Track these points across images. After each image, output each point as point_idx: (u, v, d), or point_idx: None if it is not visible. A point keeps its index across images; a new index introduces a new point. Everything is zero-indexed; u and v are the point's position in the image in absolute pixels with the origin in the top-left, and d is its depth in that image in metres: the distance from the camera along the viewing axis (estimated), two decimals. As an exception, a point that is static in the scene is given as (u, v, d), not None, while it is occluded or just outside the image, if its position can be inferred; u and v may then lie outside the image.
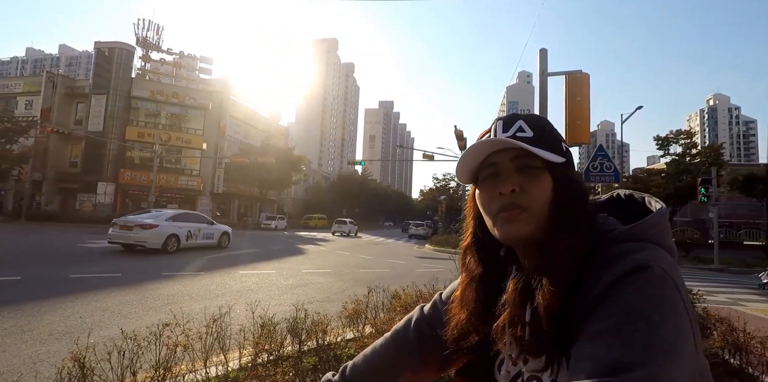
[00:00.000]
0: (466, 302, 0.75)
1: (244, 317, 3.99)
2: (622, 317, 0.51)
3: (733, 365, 3.72)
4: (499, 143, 0.67)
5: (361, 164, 70.99)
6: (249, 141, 46.89)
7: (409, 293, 4.85)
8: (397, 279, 9.22)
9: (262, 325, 3.11)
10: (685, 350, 0.51)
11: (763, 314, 7.18)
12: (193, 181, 38.93)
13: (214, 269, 9.77)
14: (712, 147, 29.62)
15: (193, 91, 41.35)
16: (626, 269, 0.55)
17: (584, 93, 5.98)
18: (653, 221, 0.63)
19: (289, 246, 19.38)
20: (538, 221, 0.64)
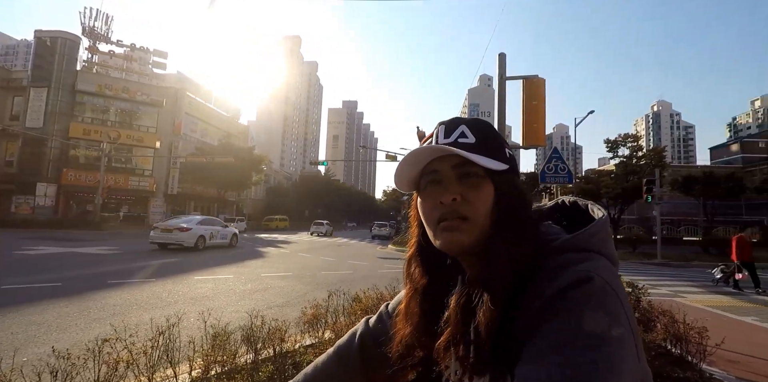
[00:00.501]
0: (410, 315, 0.72)
1: (196, 327, 3.81)
2: (565, 335, 0.50)
3: (675, 355, 3.93)
4: (438, 151, 0.65)
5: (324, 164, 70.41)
6: (207, 140, 45.35)
7: (370, 296, 4.80)
8: (359, 281, 9.15)
9: (214, 335, 2.96)
10: (628, 364, 0.49)
11: (700, 305, 7.66)
12: (146, 182, 37.14)
13: (166, 276, 9.33)
14: (656, 150, 31.48)
15: (145, 87, 39.44)
16: (568, 281, 0.53)
17: (540, 97, 6.15)
18: (594, 229, 0.62)
19: (248, 249, 18.85)
20: (479, 231, 0.63)
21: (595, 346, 0.48)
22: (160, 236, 15.55)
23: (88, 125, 34.73)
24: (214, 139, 46.02)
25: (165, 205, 39.06)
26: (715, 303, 8.10)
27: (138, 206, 37.62)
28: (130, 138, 36.54)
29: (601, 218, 0.65)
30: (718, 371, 3.91)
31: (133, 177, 36.84)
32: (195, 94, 44.90)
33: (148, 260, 12.10)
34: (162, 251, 15.15)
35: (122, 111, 37.24)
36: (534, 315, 0.53)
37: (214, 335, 2.95)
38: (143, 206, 37.82)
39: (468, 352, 0.61)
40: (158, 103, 38.34)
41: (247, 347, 3.16)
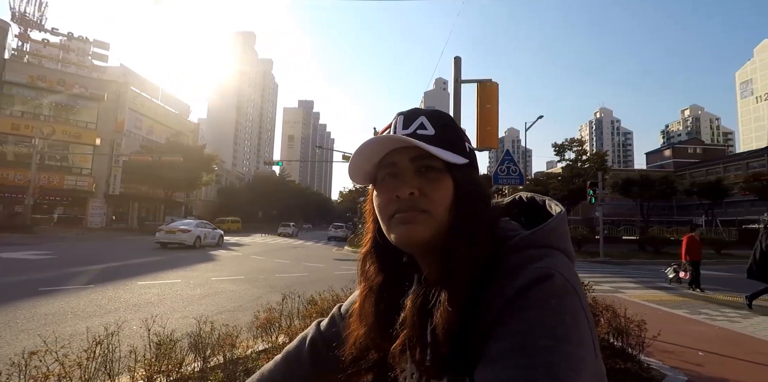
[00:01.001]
0: (364, 315, 0.68)
1: (139, 335, 3.58)
2: (525, 336, 0.48)
3: (616, 347, 4.17)
4: (396, 141, 0.61)
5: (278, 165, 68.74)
6: (153, 138, 43.20)
7: (325, 298, 4.73)
8: (314, 283, 9.00)
9: (158, 343, 2.78)
10: (587, 362, 0.49)
11: (638, 299, 8.16)
12: (84, 182, 34.81)
13: (106, 281, 8.74)
14: (599, 154, 33.45)
15: (84, 79, 36.99)
16: (528, 280, 0.52)
17: (494, 101, 6.31)
18: (553, 225, 0.60)
19: (197, 252, 18.10)
20: (437, 225, 0.60)
21: (557, 346, 0.47)
22: (165, 236, 18.31)
23: (18, 119, 32.12)
24: (161, 137, 43.88)
25: (106, 206, 36.76)
26: (651, 298, 8.66)
27: (75, 207, 35.15)
28: (66, 134, 34.13)
29: (559, 213, 0.63)
30: (655, 361, 4.17)
31: (69, 176, 34.42)
32: (140, 89, 42.62)
33: (87, 265, 11.30)
34: (102, 256, 14.28)
35: (57, 105, 34.70)
36: (495, 316, 0.52)
37: (158, 343, 2.78)
38: (81, 208, 35.39)
39: (425, 355, 0.58)
40: (99, 98, 36.05)
41: (194, 354, 3.00)
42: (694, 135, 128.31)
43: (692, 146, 79.90)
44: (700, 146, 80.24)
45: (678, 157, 75.99)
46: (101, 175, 35.85)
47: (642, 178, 36.29)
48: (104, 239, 25.56)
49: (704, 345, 4.95)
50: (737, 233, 31.95)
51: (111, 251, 16.61)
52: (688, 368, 4.09)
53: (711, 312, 7.11)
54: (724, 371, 4.04)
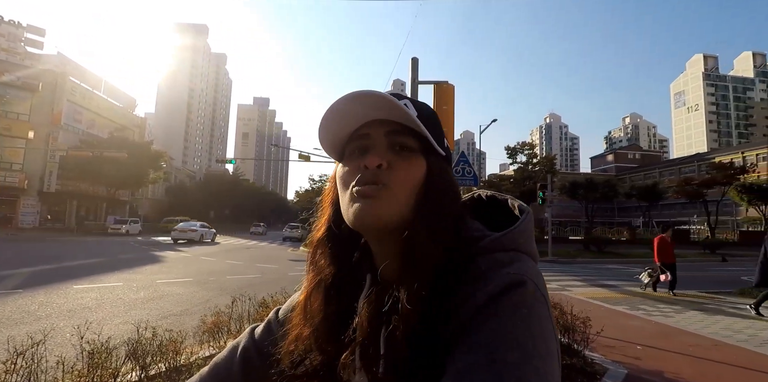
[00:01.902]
0: (311, 313, 0.60)
1: (72, 344, 3.31)
2: (496, 348, 0.44)
3: (563, 343, 4.33)
4: (380, 100, 0.54)
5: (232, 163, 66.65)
6: (95, 132, 40.59)
7: (278, 300, 4.59)
8: (267, 285, 8.76)
9: (91, 352, 2.57)
10: (557, 374, 0.46)
11: (583, 297, 8.56)
12: (14, 178, 32.13)
13: (37, 285, 8.08)
14: (548, 158, 34.98)
15: (15, 67, 34.13)
16: (500, 286, 0.48)
17: (450, 103, 6.39)
18: (522, 227, 0.56)
19: (142, 253, 17.18)
20: (398, 206, 0.54)
21: (527, 361, 0.44)
22: (179, 235, 26.41)
23: (-63, 109, 29.16)
24: (103, 132, 41.33)
25: (39, 204, 34.13)
26: (594, 295, 9.11)
27: (3, 205, 32.39)
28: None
29: (527, 214, 0.59)
30: (598, 356, 4.37)
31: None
32: (80, 79, 39.90)
33: (15, 268, 10.41)
34: (34, 258, 13.28)
35: (-16, 94, 31.83)
36: (463, 323, 0.47)
37: (90, 352, 2.57)
38: (10, 206, 32.67)
39: (379, 365, 0.52)
40: (32, 88, 33.41)
41: (133, 363, 2.81)
42: (633, 141, 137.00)
43: (632, 152, 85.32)
44: (638, 152, 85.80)
45: (619, 162, 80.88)
46: (35, 171, 33.20)
47: (587, 182, 38.31)
48: (37, 239, 23.69)
49: (642, 339, 5.26)
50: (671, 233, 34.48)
51: (44, 253, 15.42)
52: (628, 361, 4.32)
53: (648, 308, 7.57)
54: (660, 364, 4.31)
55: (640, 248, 24.51)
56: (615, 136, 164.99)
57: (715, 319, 6.68)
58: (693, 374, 4.03)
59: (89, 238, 27.54)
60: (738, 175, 34.04)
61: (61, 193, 35.36)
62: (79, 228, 34.27)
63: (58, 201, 36.44)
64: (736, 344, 5.15)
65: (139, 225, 36.26)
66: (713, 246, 25.13)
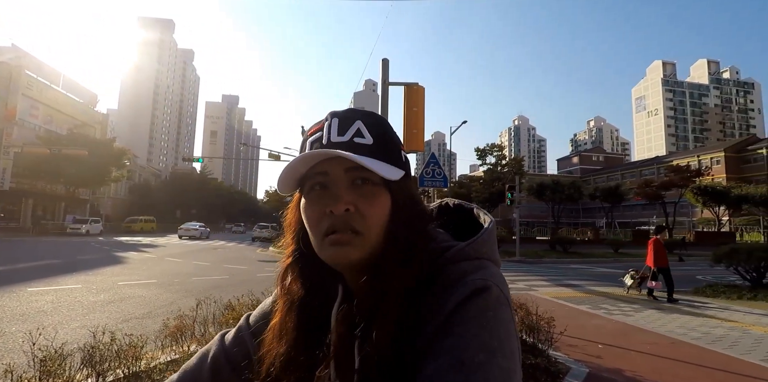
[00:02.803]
0: (285, 331, 0.62)
1: (24, 350, 3.15)
2: (463, 351, 0.48)
3: (529, 343, 4.43)
4: (333, 156, 0.57)
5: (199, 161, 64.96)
6: (52, 128, 38.77)
7: (244, 303, 4.51)
8: (235, 286, 8.59)
9: (43, 358, 2.45)
10: (517, 374, 0.50)
11: (548, 297, 8.81)
12: (-37, 175, 30.28)
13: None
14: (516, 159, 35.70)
15: (-35, 59, 32.17)
16: (466, 293, 0.52)
17: (420, 104, 6.45)
18: (485, 236, 0.60)
19: (104, 254, 16.51)
20: (370, 247, 0.57)
21: (492, 360, 0.48)
22: (184, 232, 33.48)
23: None
24: (62, 128, 39.51)
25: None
26: (559, 294, 9.38)
27: (-49, 204, 30.48)
28: (-60, 120, 29.48)
29: (490, 224, 0.63)
30: (561, 355, 4.50)
31: (-56, 168, 29.74)
32: (37, 73, 37.99)
33: (-38, 271, 9.81)
34: None
35: (-70, 86, 29.83)
36: (432, 332, 0.51)
37: (42, 358, 2.45)
38: (-42, 205, 30.77)
39: (353, 378, 0.54)
40: (-16, 80, 31.58)
41: (89, 369, 2.69)
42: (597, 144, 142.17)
43: (595, 154, 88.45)
44: (602, 154, 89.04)
45: (584, 164, 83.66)
46: (-14, 168, 31.40)
47: (553, 183, 39.38)
48: (-12, 240, 22.40)
49: (603, 338, 5.45)
50: (631, 234, 35.85)
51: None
52: (589, 360, 4.46)
53: (609, 307, 7.84)
54: (620, 362, 4.46)
55: (603, 248, 25.43)
56: (580, 138, 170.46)
57: (672, 317, 6.98)
58: (651, 371, 4.18)
59: (46, 238, 26.26)
60: (694, 178, 35.85)
61: (16, 191, 33.56)
62: (35, 228, 32.61)
63: (12, 200, 34.55)
64: (691, 341, 5.37)
65: (101, 225, 34.88)
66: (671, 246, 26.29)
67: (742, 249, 9.92)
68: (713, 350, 5.02)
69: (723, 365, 4.45)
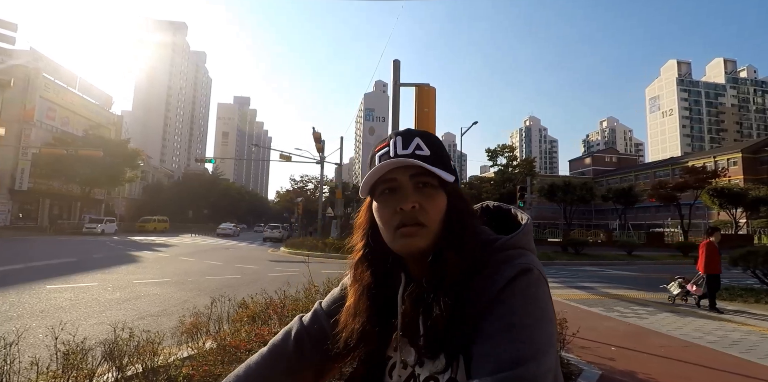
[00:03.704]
0: (359, 311, 0.78)
1: (45, 344, 3.24)
2: (513, 317, 0.62)
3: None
4: (403, 162, 0.72)
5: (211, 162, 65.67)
6: (69, 129, 39.52)
7: (258, 301, 4.56)
8: (247, 286, 8.69)
9: (66, 352, 2.52)
10: (555, 337, 0.65)
11: (560, 298, 8.70)
12: (-17, 175, 31.00)
13: (6, 285, 7.84)
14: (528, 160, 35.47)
15: (-15, 62, 32.89)
16: (514, 272, 0.66)
17: (431, 105, 6.46)
18: (525, 231, 0.75)
19: (118, 253, 16.79)
20: (433, 236, 0.72)
21: (537, 324, 0.63)
22: (221, 231, 40.82)
23: None
24: (78, 129, 40.27)
25: (11, 203, 33.00)
26: (571, 297, 9.30)
27: (-29, 203, 31.21)
28: (-38, 121, 30.16)
29: (527, 221, 0.77)
30: (573, 357, 4.46)
31: (-35, 169, 30.47)
32: (54, 75, 38.76)
33: (-17, 269, 10.05)
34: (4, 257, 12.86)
35: (-48, 88, 30.56)
36: (486, 302, 0.65)
37: (66, 352, 2.52)
38: (-21, 204, 31.50)
39: (423, 340, 0.70)
40: (3, 84, 32.16)
41: (109, 364, 2.76)
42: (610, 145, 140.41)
43: (608, 155, 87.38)
44: (615, 155, 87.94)
45: (596, 165, 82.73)
46: (5, 168, 32.10)
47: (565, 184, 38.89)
48: (8, 238, 22.91)
49: (616, 340, 5.40)
50: (645, 236, 35.33)
51: (15, 252, 14.94)
52: (601, 362, 4.42)
53: (623, 309, 7.76)
54: (633, 365, 4.42)
55: (616, 250, 25.11)
56: (592, 139, 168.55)
57: (687, 321, 6.88)
58: (664, 374, 4.14)
59: (63, 237, 26.76)
60: (710, 179, 35.13)
61: (34, 191, 34.27)
62: (52, 227, 33.24)
63: (30, 199, 35.29)
64: (707, 345, 5.29)
65: (115, 224, 35.41)
66: (686, 249, 25.86)
67: (759, 251, 9.72)
68: (729, 353, 4.94)
69: (739, 368, 4.38)
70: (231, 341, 3.22)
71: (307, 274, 5.04)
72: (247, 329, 3.60)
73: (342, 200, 26.85)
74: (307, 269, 5.24)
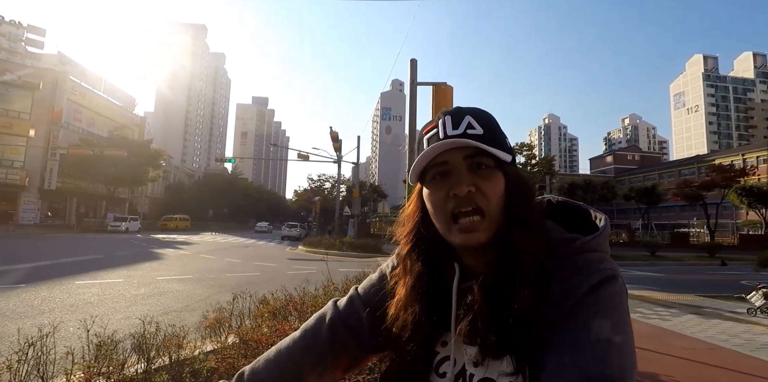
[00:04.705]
0: (412, 305, 0.72)
1: (77, 336, 3.38)
2: (600, 329, 0.57)
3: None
4: (456, 143, 0.65)
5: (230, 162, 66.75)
6: (94, 130, 40.66)
7: (278, 297, 4.65)
8: (266, 283, 8.83)
9: (98, 344, 2.64)
10: (634, 349, 0.59)
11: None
12: (15, 175, 32.20)
13: (39, 280, 8.15)
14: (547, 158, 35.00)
15: (15, 66, 34.24)
16: (599, 278, 0.60)
17: (448, 104, 6.45)
18: (605, 233, 0.67)
19: (142, 251, 17.23)
20: (495, 227, 0.65)
21: (623, 339, 0.57)
22: (259, 228, 51.74)
23: (-62, 106, 29.21)
24: (103, 130, 41.40)
25: (40, 201, 34.15)
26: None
27: (4, 202, 32.43)
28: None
29: (606, 222, 0.69)
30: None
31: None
32: (80, 78, 39.96)
33: (17, 263, 10.47)
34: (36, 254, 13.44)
35: (-15, 92, 31.85)
36: (567, 308, 0.58)
37: (98, 344, 2.63)
38: (11, 203, 32.71)
39: (485, 338, 0.63)
40: (33, 86, 33.45)
41: (138, 355, 2.87)
42: (633, 143, 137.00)
43: (631, 153, 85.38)
44: (638, 153, 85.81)
45: (618, 163, 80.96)
46: (35, 168, 33.25)
47: (586, 183, 38.29)
48: (38, 236, 23.74)
49: (637, 342, 5.06)
50: (669, 236, 34.48)
51: (45, 249, 15.49)
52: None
53: (645, 311, 7.59)
54: (655, 367, 4.33)
55: (638, 251, 24.57)
56: (614, 137, 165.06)
57: (712, 323, 6.70)
58: (688, 377, 4.05)
59: (89, 235, 27.58)
60: (738, 178, 34.03)
61: (62, 190, 35.40)
62: (79, 225, 34.30)
63: (58, 198, 36.48)
64: (733, 348, 5.14)
65: (139, 223, 36.29)
66: (712, 249, 25.14)
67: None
68: (757, 357, 4.79)
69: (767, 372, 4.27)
70: (252, 336, 3.30)
71: (325, 272, 5.10)
72: (268, 324, 3.68)
73: (359, 199, 26.97)
74: (325, 267, 5.31)
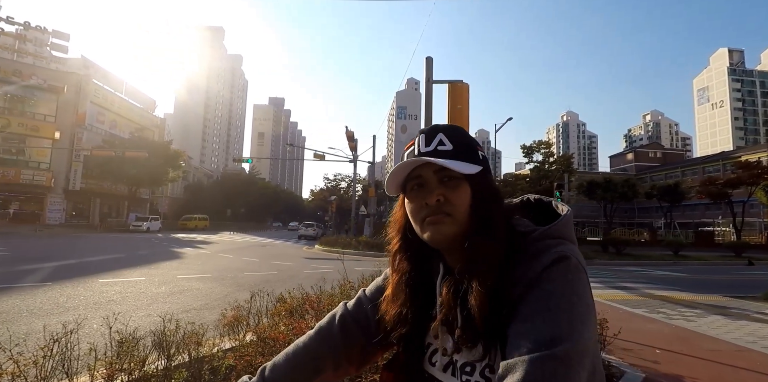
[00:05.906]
0: (397, 297, 0.83)
1: (100, 333, 3.46)
2: (550, 300, 0.64)
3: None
4: (421, 162, 0.76)
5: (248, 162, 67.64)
6: (116, 132, 41.63)
7: (295, 296, 4.68)
8: (283, 282, 8.91)
9: (120, 341, 2.69)
10: (593, 321, 0.66)
11: (601, 299, 8.41)
12: (42, 177, 33.20)
13: (64, 278, 8.38)
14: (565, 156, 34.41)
15: (41, 70, 35.24)
16: (551, 259, 0.68)
17: (464, 102, 6.40)
18: (564, 221, 0.76)
19: (162, 250, 17.57)
20: (460, 224, 0.74)
21: (572, 308, 0.64)
22: (293, 227, 55.07)
23: (-32, 110, 30.29)
24: (125, 132, 42.35)
25: (65, 202, 35.14)
26: (612, 297, 8.99)
27: (32, 202, 33.47)
28: (22, 126, 32.47)
29: (567, 212, 0.79)
30: (615, 359, 4.32)
31: (26, 170, 32.76)
32: (103, 81, 40.97)
33: (44, 262, 10.80)
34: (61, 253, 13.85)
35: (13, 96, 32.91)
36: (525, 285, 0.67)
37: (120, 341, 2.69)
38: (38, 203, 33.73)
39: (461, 328, 0.72)
40: (58, 90, 34.41)
41: (158, 352, 2.92)
42: (654, 140, 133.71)
43: (653, 150, 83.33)
44: (660, 151, 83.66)
45: (639, 160, 79.13)
46: (60, 170, 34.22)
47: (605, 181, 37.41)
48: (63, 235, 24.44)
49: (661, 343, 5.17)
50: (693, 235, 33.57)
51: (70, 248, 15.92)
52: (645, 365, 4.25)
53: (668, 311, 7.41)
54: (679, 369, 4.22)
55: (661, 250, 24.00)
56: (635, 134, 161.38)
57: (739, 324, 6.50)
58: (714, 379, 3.94)
59: (112, 234, 28.27)
60: (765, 175, 32.93)
61: (85, 191, 36.36)
62: (102, 225, 35.18)
63: (82, 199, 37.48)
64: (762, 350, 4.99)
65: (159, 222, 37.02)
66: (739, 248, 24.39)
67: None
68: (787, 359, 4.65)
69: (797, 375, 4.12)
70: (270, 334, 3.32)
71: (341, 271, 5.12)
72: (285, 322, 3.71)
73: (375, 198, 26.99)
74: (341, 266, 5.32)
